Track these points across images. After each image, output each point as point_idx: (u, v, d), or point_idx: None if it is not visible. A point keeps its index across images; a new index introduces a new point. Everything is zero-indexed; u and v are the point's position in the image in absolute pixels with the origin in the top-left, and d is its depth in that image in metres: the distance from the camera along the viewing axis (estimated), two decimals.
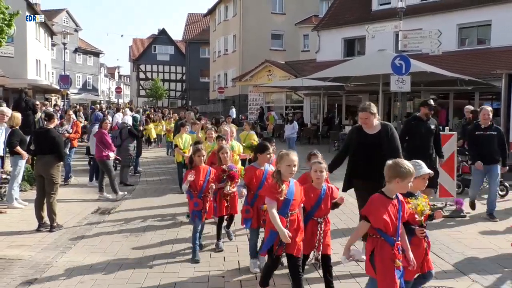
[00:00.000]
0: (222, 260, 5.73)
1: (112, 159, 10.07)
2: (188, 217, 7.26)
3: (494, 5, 19.63)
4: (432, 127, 7.63)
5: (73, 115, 12.82)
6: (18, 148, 8.40)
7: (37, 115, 13.77)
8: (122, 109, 20.36)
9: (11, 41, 22.69)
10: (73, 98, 46.27)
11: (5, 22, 13.66)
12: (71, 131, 11.54)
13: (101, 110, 22.83)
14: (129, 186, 11.17)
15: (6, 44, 15.47)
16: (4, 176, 8.98)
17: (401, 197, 3.72)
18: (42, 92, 34.90)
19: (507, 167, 8.06)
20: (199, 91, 52.27)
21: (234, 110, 31.67)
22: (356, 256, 3.94)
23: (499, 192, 9.00)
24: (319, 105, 25.98)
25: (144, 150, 16.18)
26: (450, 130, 9.27)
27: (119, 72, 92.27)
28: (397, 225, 3.60)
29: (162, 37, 63.64)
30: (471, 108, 11.69)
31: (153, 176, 12.67)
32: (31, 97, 21.20)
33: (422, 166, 4.03)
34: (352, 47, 25.89)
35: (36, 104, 14.47)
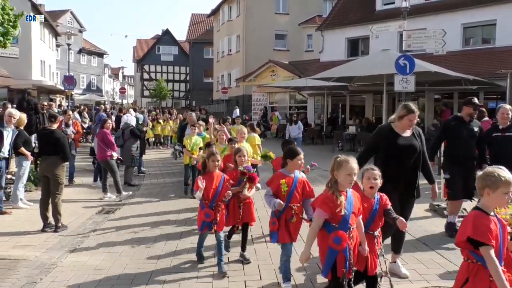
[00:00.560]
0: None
1: (115, 159, 10.09)
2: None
3: (499, 5, 19.55)
4: (476, 129, 6.76)
5: (76, 114, 12.83)
6: (23, 149, 8.44)
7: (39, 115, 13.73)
8: (125, 110, 20.40)
9: (15, 42, 22.75)
10: (77, 98, 46.40)
11: (10, 24, 13.71)
12: (74, 131, 11.59)
13: (105, 110, 22.91)
14: (133, 186, 11.20)
15: (11, 45, 15.53)
16: (9, 176, 9.02)
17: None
18: (47, 92, 35.03)
19: None
20: (202, 91, 52.29)
21: (238, 111, 31.63)
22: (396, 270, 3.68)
23: None
24: (323, 105, 25.96)
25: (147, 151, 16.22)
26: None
27: (123, 73, 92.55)
28: (500, 248, 2.89)
29: (166, 37, 63.72)
30: None
31: (157, 177, 12.69)
32: (35, 97, 21.29)
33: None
34: (356, 47, 25.85)
35: (37, 104, 14.48)
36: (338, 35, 26.13)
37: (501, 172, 2.87)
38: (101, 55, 59.73)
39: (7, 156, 8.26)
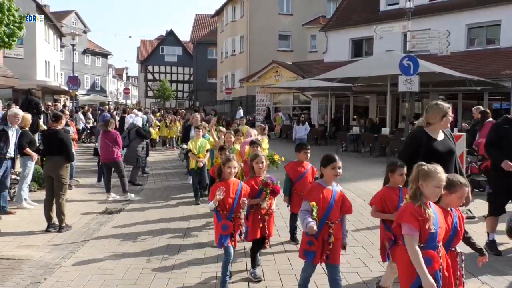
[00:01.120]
0: None
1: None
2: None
3: (504, 5, 19.46)
4: None
5: (80, 115, 12.83)
6: (28, 149, 8.46)
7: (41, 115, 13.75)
8: (129, 110, 20.41)
9: (20, 42, 22.89)
10: (81, 99, 46.54)
11: (16, 25, 13.76)
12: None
13: (109, 111, 22.94)
14: (137, 186, 11.22)
15: (16, 45, 15.60)
16: (14, 177, 9.05)
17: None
18: (51, 93, 35.16)
19: None
20: (206, 92, 52.35)
21: (241, 111, 31.67)
22: None
23: None
24: (326, 105, 25.94)
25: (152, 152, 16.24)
26: (459, 131, 9.20)
27: (127, 73, 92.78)
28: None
29: (170, 38, 63.83)
30: (481, 108, 11.61)
31: (161, 177, 12.70)
32: (39, 97, 21.34)
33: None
34: (360, 48, 25.82)
35: (38, 104, 14.50)
36: (342, 36, 26.11)
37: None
38: (105, 55, 59.96)
39: (13, 156, 8.29)
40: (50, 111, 14.72)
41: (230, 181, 4.86)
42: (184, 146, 10.73)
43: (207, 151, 9.15)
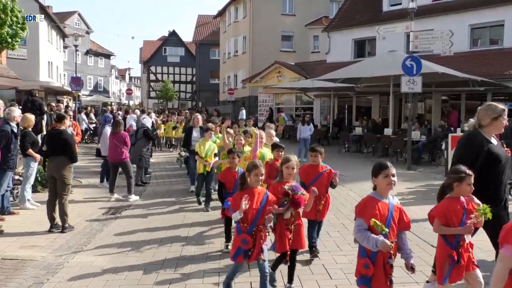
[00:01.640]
0: None
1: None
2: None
3: (507, 5, 19.39)
4: None
5: (83, 115, 12.82)
6: (30, 150, 8.45)
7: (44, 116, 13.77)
8: (131, 111, 20.42)
9: (23, 43, 22.96)
10: (84, 99, 46.65)
11: (19, 25, 13.81)
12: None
13: (111, 112, 22.96)
14: (140, 186, 11.23)
15: (19, 46, 15.65)
16: (17, 177, 9.07)
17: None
18: (54, 93, 35.25)
19: None
20: (209, 92, 52.38)
21: (244, 112, 31.66)
22: None
23: None
24: (329, 106, 25.92)
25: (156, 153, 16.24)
26: (462, 131, 9.18)
27: (129, 74, 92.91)
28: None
29: (173, 38, 63.91)
30: None
31: (163, 178, 12.71)
32: (42, 98, 21.41)
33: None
34: (363, 48, 25.80)
35: (41, 105, 14.55)
36: (344, 36, 26.10)
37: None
38: (108, 56, 60.06)
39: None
40: (53, 112, 14.76)
41: (255, 190, 4.35)
42: (182, 153, 10.26)
43: (214, 155, 8.83)
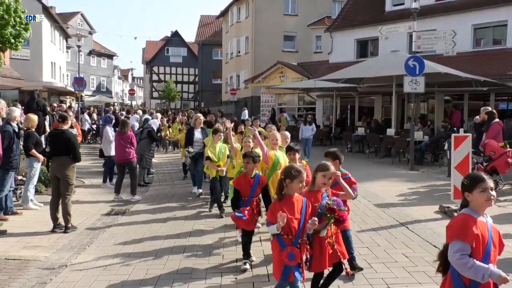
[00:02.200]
0: None
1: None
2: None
3: (510, 5, 19.34)
4: None
5: (85, 116, 12.86)
6: (34, 151, 8.46)
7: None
8: (133, 111, 20.44)
9: (26, 44, 23.04)
10: (87, 100, 46.74)
11: (22, 26, 13.85)
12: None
13: (114, 112, 23.01)
14: (143, 186, 11.25)
15: (22, 47, 15.70)
16: (20, 177, 9.09)
17: None
18: (57, 94, 35.37)
19: None
20: (211, 92, 52.41)
21: (246, 112, 31.65)
22: None
23: None
24: (331, 106, 25.90)
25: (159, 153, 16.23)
26: (465, 132, 9.16)
27: (132, 74, 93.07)
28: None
29: (175, 39, 63.99)
30: (488, 109, 11.55)
31: (166, 178, 12.73)
32: (45, 98, 21.47)
33: None
34: (365, 48, 25.77)
35: (45, 105, 14.59)
36: (347, 36, 26.07)
37: None
38: (110, 56, 60.20)
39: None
40: (55, 112, 14.81)
41: (294, 198, 3.96)
42: (191, 149, 9.86)
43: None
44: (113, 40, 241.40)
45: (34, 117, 8.86)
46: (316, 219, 3.82)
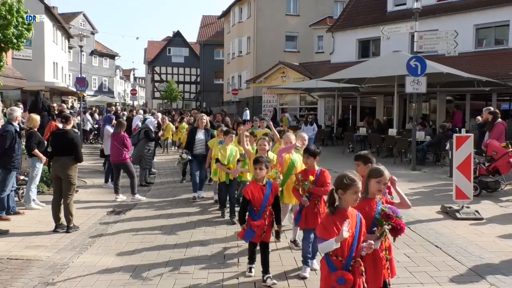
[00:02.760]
0: None
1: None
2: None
3: None
4: None
5: (87, 116, 12.86)
6: (36, 151, 8.48)
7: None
8: (136, 112, 20.44)
9: (29, 44, 23.06)
10: (89, 100, 46.84)
11: (24, 26, 13.86)
12: None
13: (116, 112, 23.04)
14: (145, 186, 11.26)
15: (24, 47, 15.70)
16: (22, 177, 9.11)
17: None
18: (59, 94, 35.44)
19: None
20: (213, 92, 52.45)
21: (248, 112, 31.68)
22: None
23: None
24: (333, 106, 25.89)
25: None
26: (467, 132, 9.15)
27: (134, 74, 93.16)
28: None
29: (177, 39, 64.04)
30: (491, 109, 11.54)
31: (167, 178, 12.74)
32: (48, 98, 21.51)
33: None
34: (367, 49, 25.76)
35: (50, 106, 14.65)
36: (349, 37, 26.07)
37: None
38: (112, 57, 60.26)
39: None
40: (54, 112, 14.88)
41: (348, 211, 3.45)
42: (184, 155, 9.48)
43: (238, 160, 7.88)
44: (115, 40, 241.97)
45: (36, 117, 8.88)
46: (372, 242, 3.39)
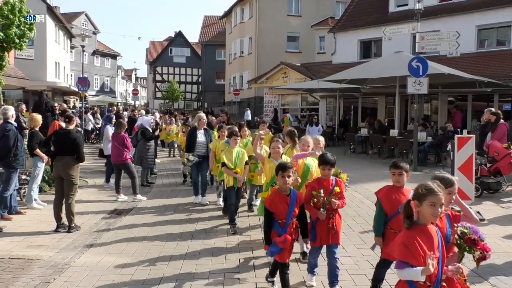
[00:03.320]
0: None
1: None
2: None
3: None
4: None
5: (89, 115, 12.87)
6: (38, 150, 8.49)
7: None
8: (137, 111, 20.45)
9: (31, 43, 23.08)
10: (91, 100, 46.92)
11: (27, 26, 13.90)
12: None
13: (117, 112, 23.04)
14: (146, 186, 11.26)
15: (27, 47, 15.72)
16: (24, 177, 9.12)
17: None
18: (61, 94, 35.49)
19: None
20: (214, 93, 52.48)
21: (249, 112, 31.71)
22: None
23: None
24: (334, 107, 25.88)
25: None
26: (469, 133, 9.14)
27: (136, 74, 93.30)
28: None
29: (179, 39, 64.05)
30: (492, 110, 11.52)
31: (169, 178, 12.75)
32: (50, 98, 21.56)
33: None
34: (369, 49, 25.75)
35: (54, 106, 14.68)
36: (350, 37, 26.06)
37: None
38: (114, 56, 60.37)
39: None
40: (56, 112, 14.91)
41: (429, 228, 2.88)
42: (191, 157, 8.98)
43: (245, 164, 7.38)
44: (117, 40, 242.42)
45: (38, 117, 8.89)
46: (460, 266, 2.99)
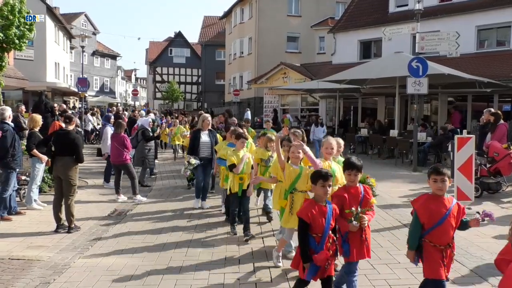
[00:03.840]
0: None
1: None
2: None
3: None
4: None
5: (89, 116, 12.88)
6: (35, 151, 8.43)
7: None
8: (137, 111, 20.45)
9: (31, 44, 23.09)
10: (90, 100, 46.91)
11: (26, 27, 13.90)
12: None
13: (117, 112, 23.03)
14: (146, 187, 11.26)
15: (26, 47, 15.73)
16: (23, 177, 9.11)
17: None
18: (61, 94, 35.48)
19: None
20: (214, 93, 52.49)
21: (249, 113, 31.69)
22: None
23: None
24: (334, 107, 25.88)
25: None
26: (468, 133, 9.13)
27: (135, 75, 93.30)
28: None
29: (179, 39, 64.07)
30: (491, 111, 11.52)
31: (169, 179, 12.74)
32: (50, 99, 21.56)
33: None
34: (369, 50, 25.76)
35: (53, 107, 14.70)
36: (350, 37, 26.07)
37: None
38: (114, 57, 60.36)
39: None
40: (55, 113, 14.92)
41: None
42: (193, 160, 8.65)
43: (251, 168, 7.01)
44: (116, 41, 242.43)
45: (38, 117, 8.88)
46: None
